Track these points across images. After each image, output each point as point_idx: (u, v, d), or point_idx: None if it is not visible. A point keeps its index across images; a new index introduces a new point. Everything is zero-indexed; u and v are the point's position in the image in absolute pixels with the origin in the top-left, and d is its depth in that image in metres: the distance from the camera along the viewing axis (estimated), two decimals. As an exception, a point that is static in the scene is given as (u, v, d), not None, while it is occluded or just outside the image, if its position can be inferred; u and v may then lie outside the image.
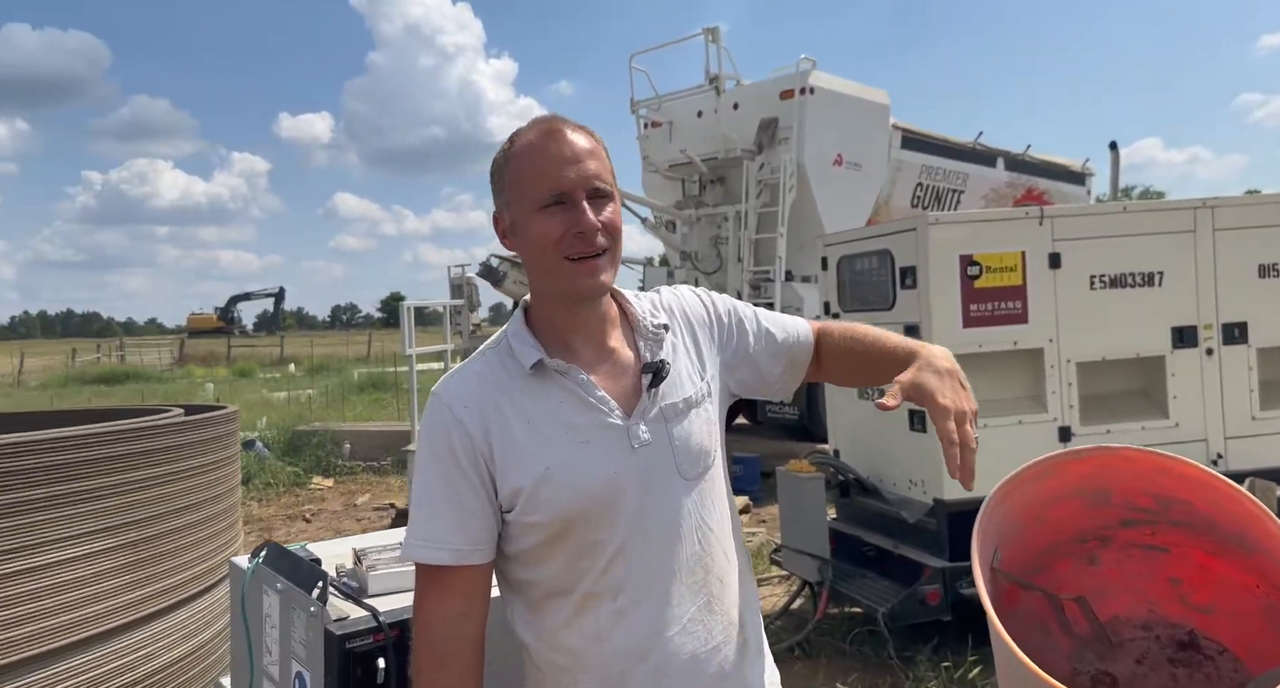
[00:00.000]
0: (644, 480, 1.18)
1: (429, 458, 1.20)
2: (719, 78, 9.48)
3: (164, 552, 2.94)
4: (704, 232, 9.51)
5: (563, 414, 1.18)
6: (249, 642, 1.45)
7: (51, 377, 25.84)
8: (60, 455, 2.61)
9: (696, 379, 1.27)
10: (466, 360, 1.29)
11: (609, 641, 1.17)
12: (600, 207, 1.18)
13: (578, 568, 1.17)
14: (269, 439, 9.34)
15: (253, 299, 58.78)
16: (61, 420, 3.67)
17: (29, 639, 2.48)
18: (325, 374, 21.73)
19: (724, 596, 1.24)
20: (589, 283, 1.18)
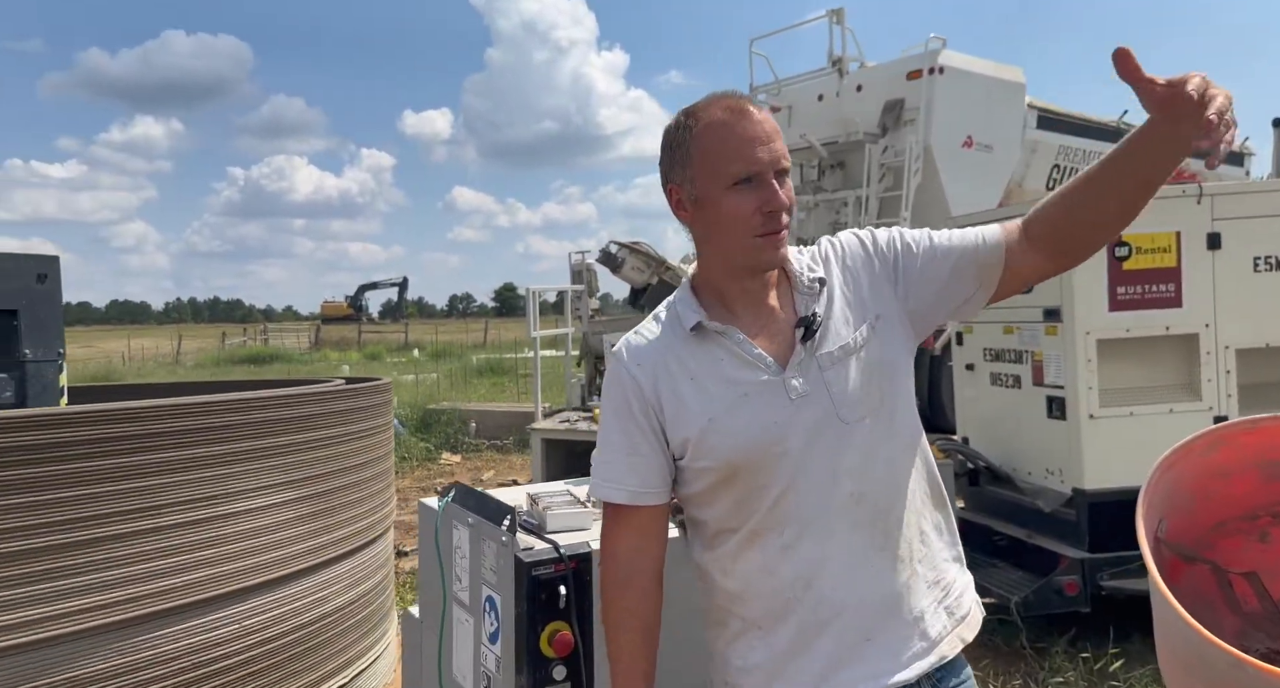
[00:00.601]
0: (804, 428, 1.25)
1: (609, 410, 1.35)
2: (842, 60, 9.33)
3: (334, 506, 3.23)
4: (822, 217, 9.40)
5: (723, 371, 1.28)
6: (441, 571, 1.63)
7: (205, 357, 28.16)
8: (253, 414, 2.90)
9: (857, 325, 1.30)
10: (640, 325, 1.40)
11: (775, 572, 1.27)
12: (783, 184, 1.24)
13: (745, 509, 1.28)
14: (404, 417, 9.92)
15: (379, 288, 61.82)
16: (239, 389, 4.06)
17: (228, 577, 2.78)
18: (447, 359, 22.76)
19: (893, 532, 1.28)
20: (774, 257, 1.26)
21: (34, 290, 4.19)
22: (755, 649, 1.29)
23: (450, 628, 1.62)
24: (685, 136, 1.28)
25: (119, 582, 2.49)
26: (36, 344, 4.17)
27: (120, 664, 2.50)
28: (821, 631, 1.26)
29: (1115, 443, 3.56)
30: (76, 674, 2.41)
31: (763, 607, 1.28)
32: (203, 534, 2.72)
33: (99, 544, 2.46)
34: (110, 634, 2.48)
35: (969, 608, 1.37)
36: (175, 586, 2.63)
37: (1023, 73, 9.16)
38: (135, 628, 2.54)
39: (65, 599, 2.39)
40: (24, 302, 4.12)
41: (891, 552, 1.28)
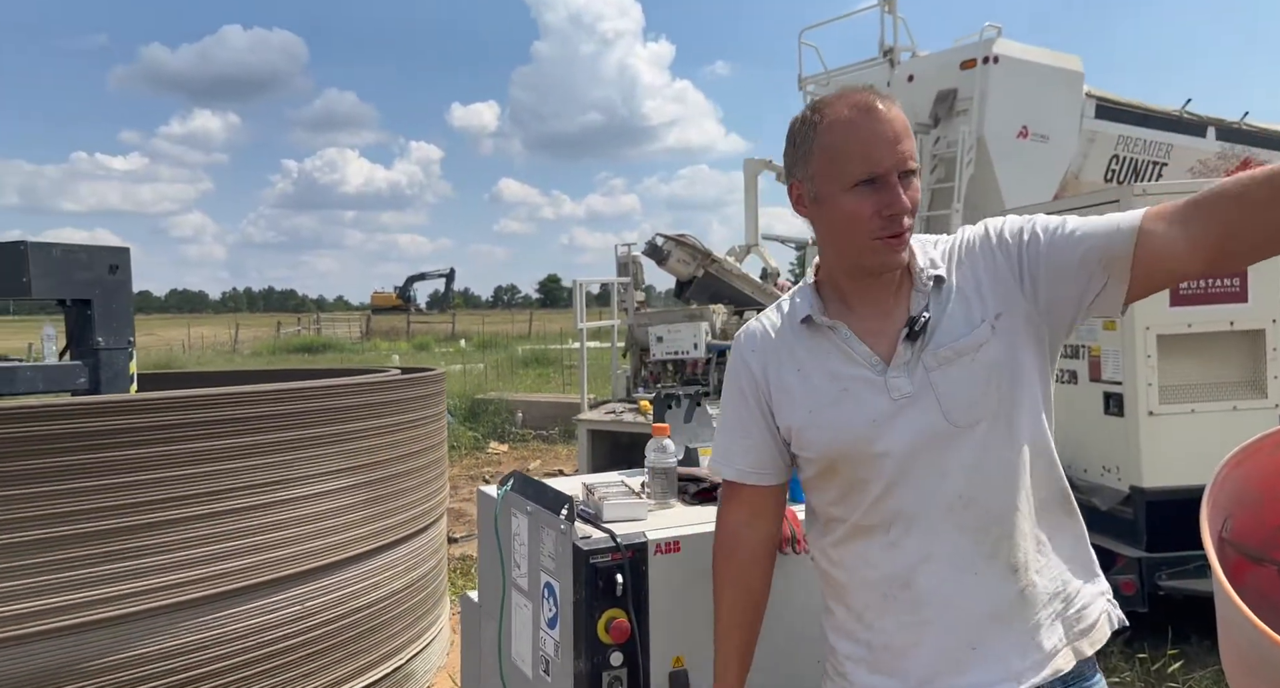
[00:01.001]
0: (906, 429, 1.23)
1: (726, 393, 1.41)
2: (893, 50, 9.19)
3: (391, 492, 3.31)
4: (872, 210, 9.29)
5: (829, 365, 1.29)
6: (501, 557, 1.68)
7: (261, 346, 28.92)
8: (314, 402, 3.00)
9: (975, 324, 1.23)
10: (763, 312, 1.43)
11: (877, 566, 1.27)
12: (907, 185, 1.20)
13: (849, 502, 1.29)
14: (453, 406, 10.09)
15: (427, 279, 62.69)
16: (297, 378, 4.19)
17: (290, 560, 2.88)
18: (493, 350, 23.05)
19: (1005, 539, 1.24)
20: (893, 260, 1.24)
21: (106, 281, 4.35)
22: (858, 640, 1.31)
23: (510, 613, 1.67)
24: (809, 133, 1.24)
25: (186, 563, 2.60)
26: (109, 333, 4.34)
27: (188, 642, 2.61)
28: (921, 632, 1.25)
29: (1175, 441, 3.48)
30: (147, 651, 2.52)
31: (863, 600, 1.30)
32: (266, 518, 2.82)
33: (167, 527, 2.56)
34: (177, 613, 2.59)
35: (1095, 619, 1.31)
36: (239, 568, 2.73)
37: (1081, 61, 8.93)
38: (201, 608, 2.64)
39: (134, 579, 2.49)
40: (97, 292, 4.28)
41: (1004, 560, 1.24)
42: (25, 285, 3.98)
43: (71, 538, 2.39)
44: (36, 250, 4.04)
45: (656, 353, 6.56)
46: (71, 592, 2.39)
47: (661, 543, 1.48)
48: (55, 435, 2.38)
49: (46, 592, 2.35)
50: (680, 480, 1.70)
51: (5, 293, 4.09)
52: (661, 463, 1.64)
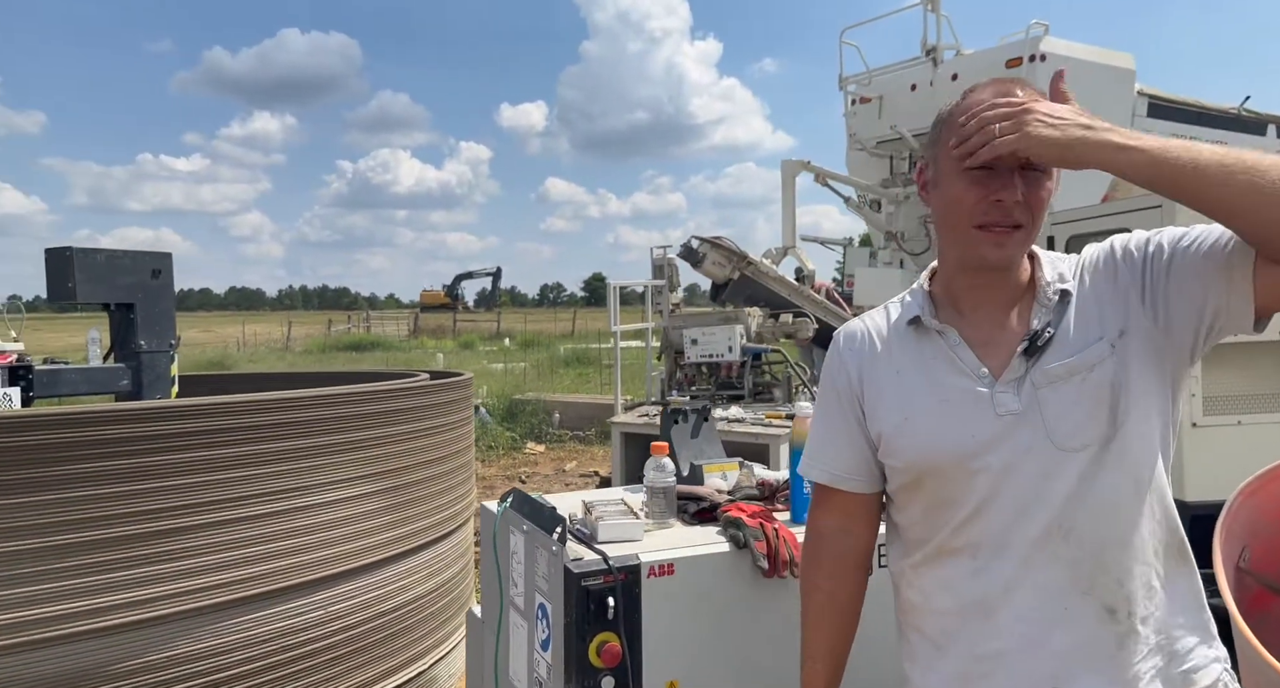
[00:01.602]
0: (1008, 449, 1.15)
1: (821, 391, 1.36)
2: (936, 49, 9.02)
3: (414, 498, 3.34)
4: (912, 210, 9.12)
5: (931, 371, 1.22)
6: (499, 575, 1.67)
7: (312, 343, 29.56)
8: (335, 410, 3.03)
9: (1092, 342, 1.16)
10: (872, 310, 1.37)
11: (957, 591, 1.21)
12: (1031, 181, 1.14)
13: (934, 520, 1.22)
14: (490, 406, 10.18)
15: (474, 278, 63.42)
16: (332, 381, 4.26)
17: (313, 564, 2.92)
18: (535, 349, 23.21)
19: (1104, 577, 1.15)
20: (993, 253, 1.16)
21: (149, 285, 4.48)
22: (931, 669, 1.24)
23: (507, 631, 1.67)
24: (948, 113, 1.21)
25: (212, 567, 2.64)
26: (151, 335, 4.47)
27: (214, 645, 2.66)
28: (998, 664, 1.17)
29: (1220, 453, 3.34)
30: (175, 654, 2.58)
31: (938, 625, 1.23)
32: (291, 523, 2.86)
33: (194, 531, 2.61)
34: (204, 616, 2.63)
35: (1206, 685, 1.19)
36: (264, 572, 2.77)
37: (1132, 59, 8.66)
38: (227, 611, 2.69)
39: (163, 583, 2.54)
40: (140, 296, 4.41)
41: (1100, 599, 1.15)
42: (71, 290, 4.12)
43: (102, 542, 2.44)
44: (82, 256, 4.17)
45: (691, 355, 6.53)
46: (102, 595, 2.44)
47: (656, 565, 1.45)
48: (84, 442, 2.44)
49: (79, 594, 2.40)
50: (680, 499, 1.67)
51: (53, 297, 4.24)
52: (660, 482, 1.61)
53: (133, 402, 3.66)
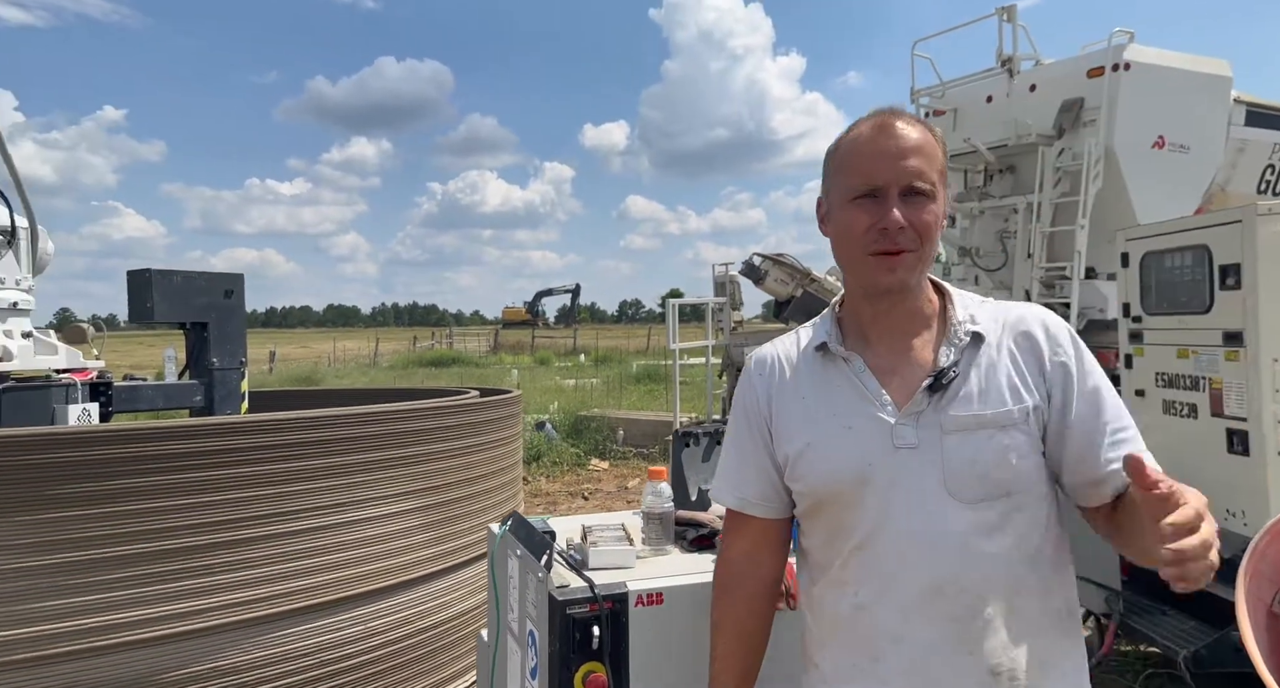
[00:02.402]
0: (895, 482, 1.15)
1: (733, 416, 1.35)
2: (1013, 59, 8.73)
3: (456, 515, 3.38)
4: (988, 225, 8.83)
5: (835, 398, 1.23)
6: (497, 599, 1.66)
7: (398, 359, 30.55)
8: (381, 426, 3.10)
9: (1005, 402, 1.16)
10: (780, 337, 1.39)
11: (847, 632, 1.20)
12: (914, 205, 1.16)
13: (832, 548, 1.22)
14: (557, 422, 10.27)
15: (554, 295, 64.43)
16: (394, 397, 4.37)
17: (356, 579, 2.97)
18: (608, 365, 23.36)
19: (990, 636, 1.13)
20: (886, 279, 1.18)
21: (222, 305, 4.71)
22: None
23: (503, 657, 1.66)
24: (834, 149, 1.25)
25: (258, 581, 2.71)
26: (223, 353, 4.69)
27: (258, 658, 2.73)
28: None
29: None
30: (219, 665, 2.65)
31: (831, 661, 1.22)
32: (334, 538, 2.92)
33: (241, 545, 2.69)
34: (249, 629, 2.70)
35: None
36: (307, 586, 2.83)
37: (1229, 66, 8.18)
38: (271, 624, 2.75)
39: (212, 595, 2.63)
40: (213, 315, 4.64)
41: (984, 662, 1.13)
42: (149, 310, 4.36)
43: (158, 554, 2.53)
44: (160, 277, 4.41)
45: (752, 375, 6.46)
46: (156, 605, 2.53)
47: (644, 594, 1.42)
48: (138, 458, 2.55)
49: (134, 604, 2.50)
50: (679, 525, 1.63)
51: (133, 317, 4.49)
52: (656, 507, 1.58)
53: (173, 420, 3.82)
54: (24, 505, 2.37)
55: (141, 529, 2.52)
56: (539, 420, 10.32)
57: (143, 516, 2.53)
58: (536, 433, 9.77)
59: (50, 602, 2.39)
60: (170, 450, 2.59)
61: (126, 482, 2.51)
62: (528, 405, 11.49)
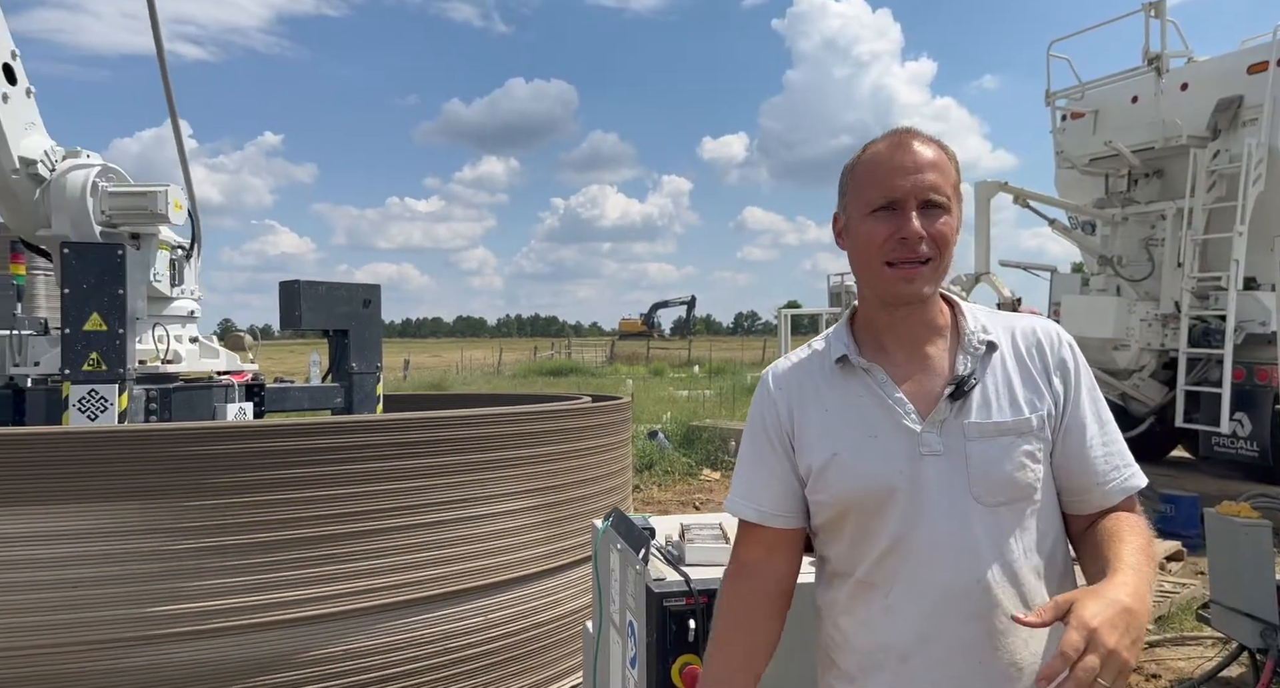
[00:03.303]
0: (923, 488, 1.20)
1: (749, 429, 1.39)
2: (1160, 57, 8.20)
3: (568, 516, 3.50)
4: (1131, 233, 8.30)
5: (859, 407, 1.26)
6: (600, 591, 1.74)
7: (519, 368, 31.62)
8: (499, 428, 3.26)
9: (1021, 410, 1.22)
10: (793, 351, 1.43)
11: (874, 631, 1.23)
12: (931, 217, 1.21)
13: (857, 552, 1.25)
14: (670, 432, 10.36)
15: (669, 306, 64.87)
16: (501, 401, 4.57)
17: (474, 572, 3.14)
18: (723, 376, 23.29)
19: (1012, 636, 1.18)
20: (905, 289, 1.22)
21: (361, 314, 5.06)
22: None
23: (607, 647, 1.73)
24: (851, 166, 1.30)
25: (387, 569, 2.91)
26: (361, 359, 5.04)
27: (385, 643, 2.92)
28: None
29: None
30: (350, 648, 2.86)
31: (856, 662, 1.25)
32: (454, 533, 3.09)
33: (374, 535, 2.89)
34: (378, 615, 2.90)
35: None
36: (431, 577, 3.01)
37: None
38: (397, 612, 2.94)
39: (345, 581, 2.83)
40: (353, 324, 5.00)
41: (1008, 658, 1.18)
42: (298, 318, 4.75)
43: (296, 541, 2.75)
44: (307, 288, 4.80)
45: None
46: (296, 589, 2.75)
47: (740, 592, 1.45)
48: (286, 451, 2.79)
49: (277, 587, 2.72)
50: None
51: (284, 325, 4.90)
52: (753, 510, 1.61)
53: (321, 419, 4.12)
54: (188, 492, 2.64)
55: (287, 517, 2.75)
56: (651, 430, 10.43)
57: (288, 505, 2.76)
58: (649, 442, 9.89)
59: (208, 581, 2.64)
60: (313, 446, 2.82)
61: (275, 473, 2.75)
62: (641, 415, 11.64)
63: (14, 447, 2.53)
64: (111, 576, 2.54)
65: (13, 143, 4.03)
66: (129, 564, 2.56)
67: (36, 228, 4.18)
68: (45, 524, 2.50)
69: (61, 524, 2.51)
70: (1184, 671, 3.96)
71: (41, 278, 6.08)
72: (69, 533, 2.51)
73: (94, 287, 3.81)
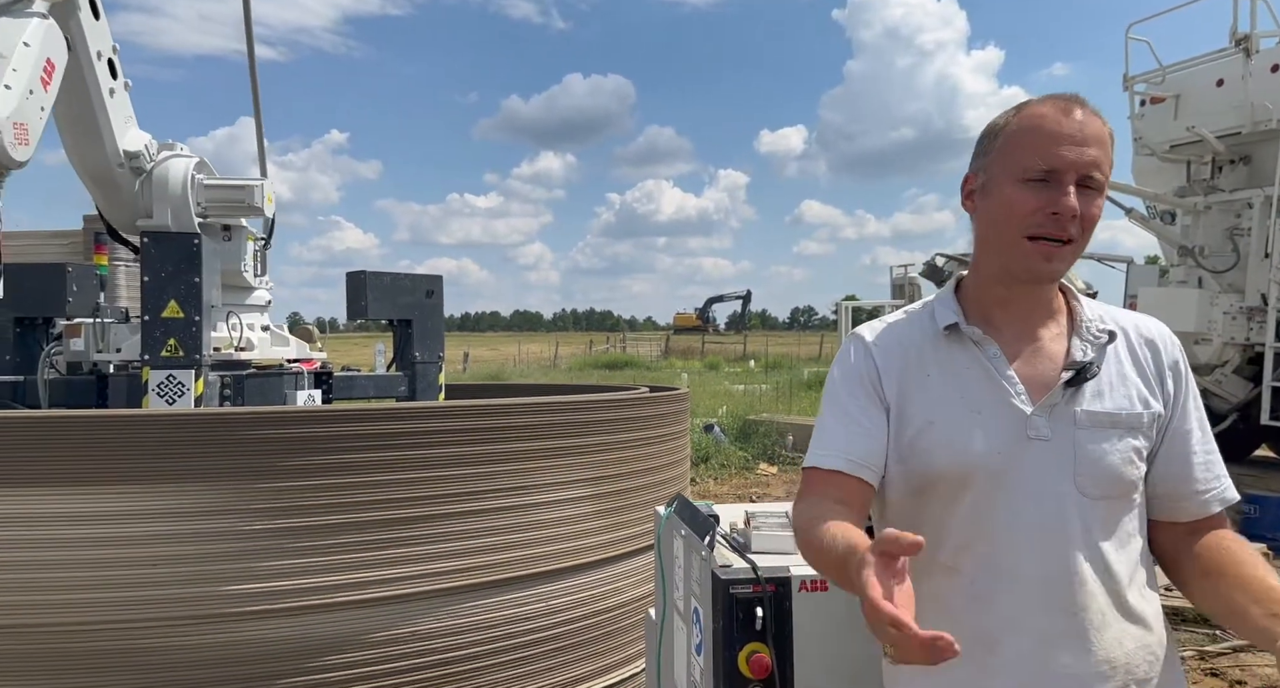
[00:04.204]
0: (1024, 472, 1.15)
1: (839, 382, 1.29)
2: (1250, 37, 7.80)
3: (627, 505, 3.50)
4: (1215, 222, 7.93)
5: (964, 380, 1.20)
6: (663, 578, 1.73)
7: (575, 361, 31.93)
8: (559, 416, 3.27)
9: (1134, 405, 1.18)
10: (883, 316, 1.36)
11: (957, 618, 1.16)
12: (1086, 197, 1.14)
13: (944, 531, 1.19)
14: (726, 426, 10.32)
15: (724, 301, 64.66)
16: (560, 392, 4.59)
17: (535, 559, 3.15)
18: (779, 371, 23.11)
19: (1108, 633, 1.15)
20: (1041, 267, 1.16)
21: (424, 304, 5.15)
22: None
23: (671, 633, 1.72)
24: (1002, 124, 1.22)
25: (452, 554, 2.94)
26: (424, 348, 5.13)
27: (450, 626, 2.95)
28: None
29: None
30: (417, 630, 2.90)
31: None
32: (516, 519, 3.11)
33: (440, 520, 2.92)
34: (444, 598, 2.93)
35: None
36: (494, 562, 3.04)
37: None
38: (463, 595, 2.97)
39: (411, 564, 2.86)
40: (416, 314, 5.09)
41: (1104, 654, 1.14)
42: (363, 308, 4.86)
43: (362, 524, 2.79)
44: (373, 278, 4.90)
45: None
46: (362, 571, 2.79)
47: (808, 580, 1.42)
48: (353, 436, 2.83)
49: (344, 569, 2.77)
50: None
51: (351, 315, 5.02)
52: (823, 498, 1.58)
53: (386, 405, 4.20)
54: (259, 474, 2.71)
55: (354, 501, 2.81)
56: (707, 423, 10.39)
57: (355, 488, 2.81)
58: (705, 435, 9.86)
59: (277, 562, 2.71)
60: (379, 430, 2.87)
61: (342, 457, 2.80)
62: (696, 409, 11.61)
63: (97, 429, 2.64)
64: (185, 554, 2.62)
65: (118, 135, 4.19)
66: (202, 544, 2.64)
67: (136, 218, 4.33)
68: (124, 504, 2.59)
69: (139, 504, 2.60)
70: (1270, 678, 3.80)
71: (123, 268, 6.34)
72: (148, 512, 2.60)
73: (171, 275, 3.94)
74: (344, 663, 2.79)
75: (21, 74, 3.27)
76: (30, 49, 3.32)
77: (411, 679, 2.89)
